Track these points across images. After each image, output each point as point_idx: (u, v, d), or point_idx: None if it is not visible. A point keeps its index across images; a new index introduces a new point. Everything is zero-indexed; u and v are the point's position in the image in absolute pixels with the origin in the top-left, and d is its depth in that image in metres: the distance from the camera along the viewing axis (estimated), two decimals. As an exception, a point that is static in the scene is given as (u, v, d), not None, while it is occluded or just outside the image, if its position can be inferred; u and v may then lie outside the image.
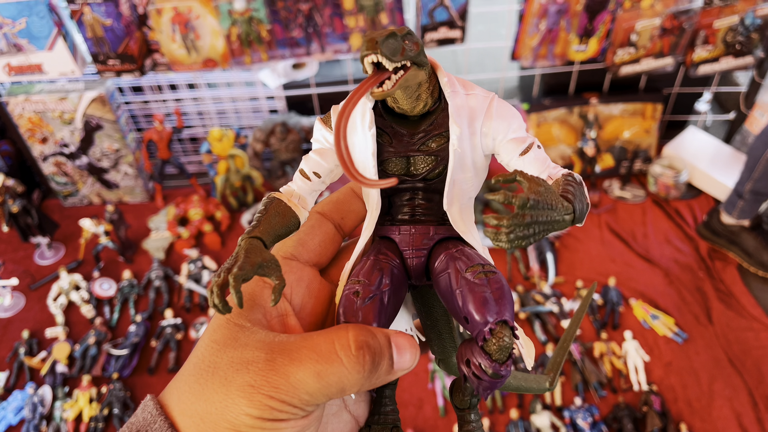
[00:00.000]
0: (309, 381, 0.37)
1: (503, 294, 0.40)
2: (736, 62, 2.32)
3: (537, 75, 2.53)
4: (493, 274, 0.41)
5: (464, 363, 0.41)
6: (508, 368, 0.39)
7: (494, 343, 0.39)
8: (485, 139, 0.43)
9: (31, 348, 2.02)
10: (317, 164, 0.45)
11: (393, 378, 0.41)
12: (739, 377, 1.89)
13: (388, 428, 0.45)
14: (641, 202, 2.46)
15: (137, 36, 2.08)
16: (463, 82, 0.44)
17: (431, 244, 0.45)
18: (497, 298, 0.39)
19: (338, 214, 0.47)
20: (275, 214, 0.42)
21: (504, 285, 0.41)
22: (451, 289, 0.41)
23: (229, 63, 2.16)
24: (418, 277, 0.46)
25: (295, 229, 0.43)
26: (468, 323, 0.40)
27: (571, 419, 1.78)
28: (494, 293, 0.40)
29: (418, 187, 0.45)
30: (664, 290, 2.14)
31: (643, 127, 2.49)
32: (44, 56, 2.08)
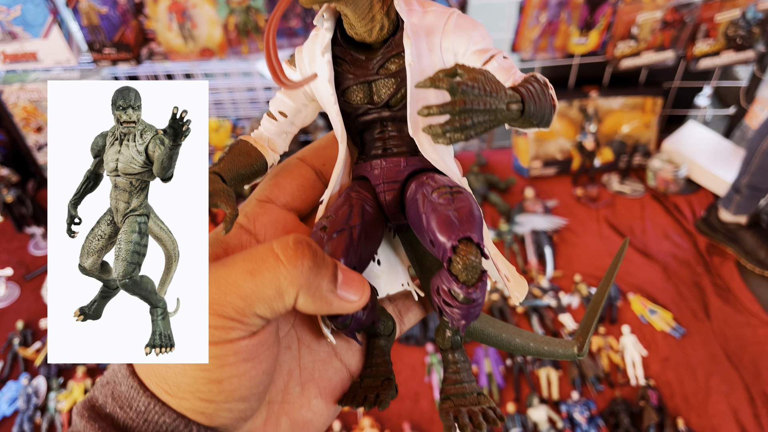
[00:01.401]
0: (240, 281, 0.34)
1: (469, 213, 0.37)
2: (737, 56, 2.30)
3: (537, 68, 2.51)
4: (460, 193, 0.38)
5: (435, 293, 0.38)
6: (479, 291, 0.36)
7: (458, 262, 0.35)
8: (446, 55, 0.40)
9: (26, 339, 2.01)
10: (283, 103, 0.43)
11: (338, 307, 0.37)
12: (736, 373, 1.89)
13: (380, 380, 0.42)
14: (640, 196, 2.45)
15: (133, 24, 2.06)
16: (421, 1, 0.41)
17: (403, 177, 0.42)
18: (462, 216, 0.37)
19: (319, 160, 0.45)
20: (239, 153, 0.41)
21: (471, 204, 0.38)
22: (419, 215, 0.39)
23: (226, 53, 2.14)
24: (393, 214, 0.43)
25: (263, 170, 0.42)
26: (434, 247, 0.37)
27: (568, 413, 1.78)
28: (458, 212, 0.37)
29: (385, 117, 0.42)
30: (662, 285, 2.13)
31: (643, 121, 2.48)
32: (39, 44, 2.05)
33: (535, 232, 2.27)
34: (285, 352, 0.41)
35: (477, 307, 0.37)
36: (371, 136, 0.43)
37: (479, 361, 1.90)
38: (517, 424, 1.74)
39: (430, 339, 1.97)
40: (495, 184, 2.47)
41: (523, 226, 2.29)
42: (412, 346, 1.97)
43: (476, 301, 0.37)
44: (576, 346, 0.49)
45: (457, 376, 0.42)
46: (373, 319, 0.42)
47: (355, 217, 0.40)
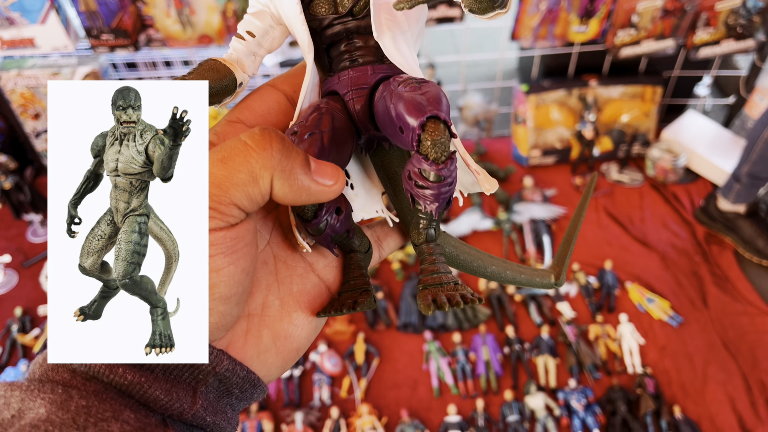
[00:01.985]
0: (213, 169, 0.34)
1: (437, 96, 0.37)
2: (737, 45, 2.29)
3: (536, 56, 2.50)
4: (426, 83, 0.38)
5: (406, 179, 0.38)
6: (448, 168, 0.36)
7: (427, 139, 0.35)
8: None
9: (24, 325, 2.02)
10: (251, 23, 0.43)
11: (316, 191, 0.37)
12: (734, 361, 1.90)
13: (358, 292, 0.42)
14: (639, 185, 2.45)
15: (131, 10, 2.04)
16: None
17: (371, 83, 0.42)
18: (429, 98, 0.36)
19: (290, 86, 0.44)
20: (208, 69, 0.40)
21: (438, 90, 0.37)
22: (387, 109, 0.39)
23: (225, 39, 2.12)
24: (363, 124, 0.43)
25: (232, 87, 0.41)
26: (403, 134, 0.37)
27: (565, 401, 1.79)
28: (426, 95, 0.37)
29: (350, 28, 0.42)
30: (660, 274, 2.14)
31: (643, 110, 2.47)
32: (36, 30, 2.04)
33: (533, 221, 2.28)
34: (262, 267, 0.41)
35: (447, 186, 0.37)
36: (337, 50, 0.43)
37: (477, 348, 1.91)
38: (514, 411, 1.76)
39: (428, 327, 1.98)
40: (494, 172, 2.47)
41: (521, 215, 2.29)
42: (410, 333, 1.98)
43: (446, 179, 0.36)
44: (553, 275, 0.49)
45: (434, 266, 0.41)
46: (347, 227, 0.42)
47: (325, 123, 0.40)
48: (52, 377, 0.34)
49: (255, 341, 0.39)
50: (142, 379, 0.34)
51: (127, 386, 0.33)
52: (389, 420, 1.79)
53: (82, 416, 0.31)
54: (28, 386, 0.32)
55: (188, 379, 0.36)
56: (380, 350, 1.95)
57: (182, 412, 0.35)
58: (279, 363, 0.41)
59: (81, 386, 0.33)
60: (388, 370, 1.91)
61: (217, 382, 0.37)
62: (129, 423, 0.31)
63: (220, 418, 0.37)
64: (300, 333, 0.42)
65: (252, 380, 0.39)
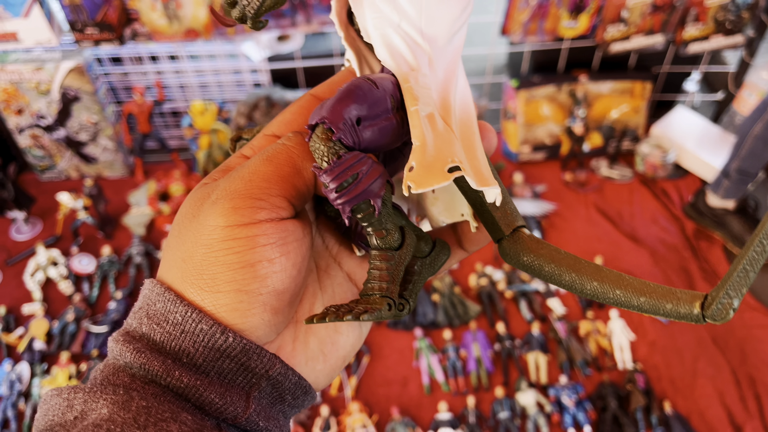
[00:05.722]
0: (261, 168, 0.36)
1: (343, 92, 0.35)
2: (726, 41, 2.30)
3: (526, 51, 2.50)
4: (358, 79, 0.36)
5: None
6: (335, 172, 0.34)
7: (311, 146, 0.35)
8: None
9: (8, 324, 1.98)
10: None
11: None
12: (723, 357, 1.90)
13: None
14: (628, 181, 2.45)
15: (116, 4, 2.01)
16: None
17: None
18: (333, 98, 0.35)
19: (332, 94, 0.44)
20: None
21: (353, 86, 0.35)
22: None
23: (211, 34, 2.10)
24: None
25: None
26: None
27: (556, 397, 1.78)
28: (337, 94, 0.35)
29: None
30: (650, 270, 2.14)
31: (632, 106, 2.47)
32: (19, 24, 2.00)
33: (523, 217, 2.26)
34: (308, 275, 0.42)
35: (339, 192, 0.34)
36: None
37: (468, 345, 1.90)
38: (505, 408, 1.75)
39: (418, 324, 1.96)
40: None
41: (511, 211, 2.28)
42: (400, 330, 1.96)
43: (331, 188, 0.34)
44: (698, 303, 0.34)
45: (371, 274, 0.38)
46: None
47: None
48: (113, 381, 0.35)
49: (303, 348, 0.40)
50: (197, 382, 0.35)
51: (183, 389, 0.35)
52: (380, 418, 1.77)
53: (142, 416, 0.32)
54: (90, 388, 0.33)
55: (242, 383, 0.37)
56: (370, 347, 1.93)
57: (236, 416, 0.36)
58: (327, 371, 0.42)
59: (140, 389, 0.34)
60: (379, 368, 1.89)
61: (270, 387, 0.38)
62: (186, 424, 0.33)
63: (272, 425, 0.38)
64: (345, 341, 0.43)
65: (303, 386, 0.40)
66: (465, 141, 0.38)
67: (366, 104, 0.35)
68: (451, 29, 0.39)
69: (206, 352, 0.35)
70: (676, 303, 0.35)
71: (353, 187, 0.34)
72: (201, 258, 0.35)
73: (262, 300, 0.36)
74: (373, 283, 0.37)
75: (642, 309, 0.36)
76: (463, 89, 0.40)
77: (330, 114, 0.34)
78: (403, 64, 0.38)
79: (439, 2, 0.38)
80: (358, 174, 0.34)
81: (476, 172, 0.37)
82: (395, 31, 0.38)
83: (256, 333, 0.36)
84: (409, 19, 0.38)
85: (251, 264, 0.35)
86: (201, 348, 0.35)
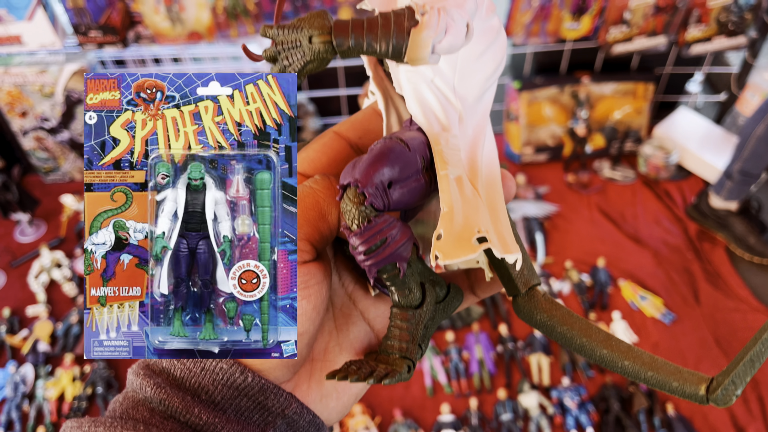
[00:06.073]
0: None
1: (376, 155, 0.35)
2: (729, 42, 2.29)
3: (529, 53, 2.49)
4: (390, 139, 0.36)
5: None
6: (365, 236, 0.34)
7: (343, 202, 0.35)
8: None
9: (12, 326, 1.99)
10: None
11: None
12: (726, 358, 1.90)
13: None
14: (631, 182, 2.45)
15: (119, 7, 2.02)
16: None
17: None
18: (366, 159, 0.35)
19: (355, 132, 0.43)
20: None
21: (387, 148, 0.35)
22: None
23: (214, 36, 2.10)
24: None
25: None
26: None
27: (558, 399, 1.79)
28: (368, 155, 0.35)
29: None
30: (652, 271, 2.14)
31: (635, 107, 2.47)
32: (23, 27, 2.01)
33: (526, 219, 2.27)
34: (324, 313, 0.42)
35: (374, 253, 0.35)
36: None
37: (470, 347, 1.90)
38: (508, 410, 1.75)
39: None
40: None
41: (514, 213, 2.28)
42: (403, 332, 1.96)
43: (364, 244, 0.35)
44: (704, 385, 0.36)
45: (392, 332, 0.39)
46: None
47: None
48: (132, 415, 0.36)
49: (318, 386, 0.41)
50: (216, 419, 0.35)
51: (201, 426, 0.35)
52: (382, 419, 1.78)
53: None
54: (111, 423, 0.34)
55: (258, 421, 0.37)
56: (373, 349, 1.94)
57: None
58: (339, 408, 0.42)
59: (160, 424, 0.35)
60: (381, 369, 1.89)
61: (284, 425, 0.38)
62: None
63: None
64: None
65: (317, 424, 0.40)
66: (490, 202, 0.39)
67: (398, 167, 0.35)
68: (482, 87, 0.39)
69: (225, 390, 0.36)
70: (683, 382, 0.36)
71: (381, 250, 0.35)
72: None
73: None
74: (393, 342, 0.38)
75: (649, 383, 0.37)
76: (489, 146, 0.40)
77: (363, 177, 0.34)
78: (435, 123, 0.38)
79: (473, 61, 0.39)
80: (387, 238, 0.35)
81: (500, 238, 0.37)
82: (428, 87, 0.39)
83: (274, 373, 0.37)
84: (443, 76, 0.39)
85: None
86: (220, 386, 0.36)
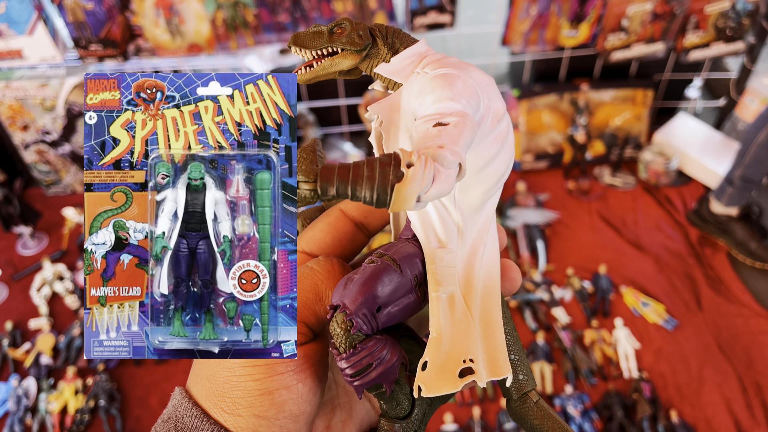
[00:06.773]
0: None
1: (366, 279, 0.35)
2: (727, 48, 2.30)
3: (527, 61, 2.51)
4: (381, 257, 0.37)
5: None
6: (351, 360, 0.35)
7: (331, 323, 0.35)
8: (408, 117, 0.39)
9: (15, 339, 1.99)
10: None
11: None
12: (729, 363, 1.89)
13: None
14: (632, 189, 2.45)
15: (119, 20, 2.03)
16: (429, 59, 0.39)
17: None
18: (357, 282, 0.35)
19: (361, 212, 0.44)
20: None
21: (378, 271, 0.36)
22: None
23: (214, 48, 2.11)
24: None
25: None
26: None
27: (561, 407, 1.78)
28: (359, 277, 0.35)
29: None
30: (654, 277, 2.13)
31: (634, 113, 2.48)
32: (24, 41, 2.02)
33: (527, 226, 2.27)
34: (327, 391, 0.44)
35: (356, 376, 0.36)
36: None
37: (473, 355, 1.89)
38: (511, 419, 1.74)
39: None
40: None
41: (515, 220, 2.28)
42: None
43: (347, 371, 0.35)
44: None
45: None
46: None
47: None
48: None
49: None
50: None
51: None
52: (385, 429, 1.77)
53: None
54: None
55: None
56: (375, 358, 1.93)
57: None
58: None
59: None
60: (384, 379, 1.89)
61: None
62: None
63: None
64: None
65: None
66: (484, 317, 0.38)
67: (388, 290, 0.36)
68: (484, 198, 0.39)
69: None
70: None
71: (368, 373, 0.35)
72: (223, 380, 0.37)
73: (279, 424, 0.37)
74: None
75: None
76: (490, 251, 0.40)
77: (351, 303, 0.34)
78: (432, 239, 0.38)
79: (475, 174, 0.38)
80: (373, 363, 0.35)
81: (490, 360, 0.37)
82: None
83: None
84: None
85: (269, 392, 0.36)
86: None
